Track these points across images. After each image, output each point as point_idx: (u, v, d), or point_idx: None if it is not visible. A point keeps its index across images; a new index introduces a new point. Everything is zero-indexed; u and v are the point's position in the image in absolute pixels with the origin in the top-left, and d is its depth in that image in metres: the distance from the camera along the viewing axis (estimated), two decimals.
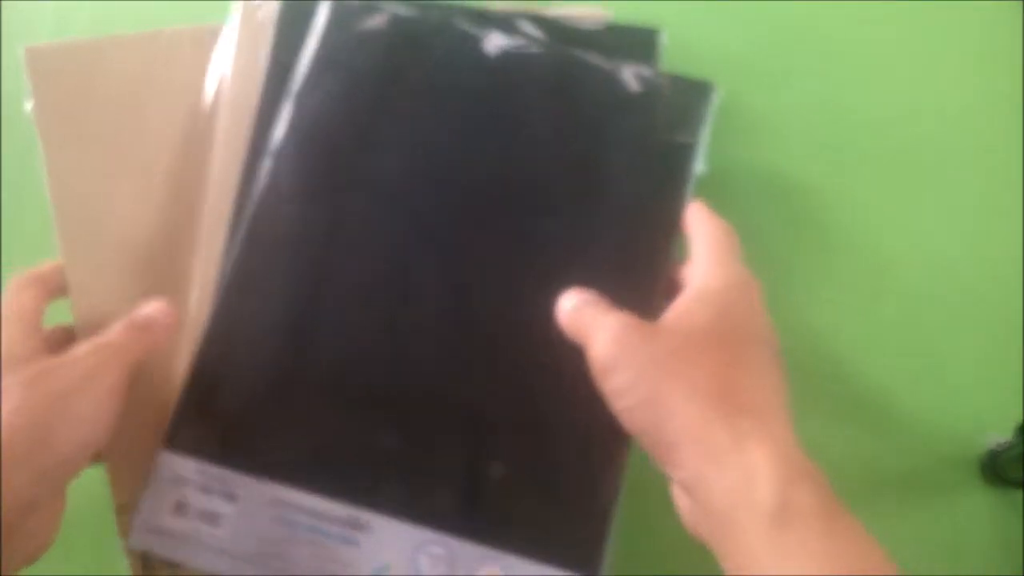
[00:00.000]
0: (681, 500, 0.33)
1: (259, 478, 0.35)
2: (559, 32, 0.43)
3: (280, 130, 0.39)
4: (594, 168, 0.39)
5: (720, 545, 0.29)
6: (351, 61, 0.40)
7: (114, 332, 0.35)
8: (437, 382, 0.36)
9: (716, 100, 0.40)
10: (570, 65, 0.40)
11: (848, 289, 0.46)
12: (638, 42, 0.44)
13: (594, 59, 0.40)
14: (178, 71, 0.43)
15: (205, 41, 0.44)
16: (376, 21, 0.40)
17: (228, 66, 0.43)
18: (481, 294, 0.38)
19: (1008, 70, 0.51)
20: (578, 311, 0.35)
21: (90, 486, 0.36)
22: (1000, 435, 0.43)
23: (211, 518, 0.35)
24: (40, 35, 0.50)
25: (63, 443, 0.32)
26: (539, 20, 0.44)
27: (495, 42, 0.40)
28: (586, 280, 0.37)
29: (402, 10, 0.41)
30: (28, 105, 0.42)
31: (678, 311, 0.33)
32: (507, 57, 0.40)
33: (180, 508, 0.35)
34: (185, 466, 0.35)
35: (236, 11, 0.44)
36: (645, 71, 0.40)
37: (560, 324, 0.35)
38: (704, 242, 0.35)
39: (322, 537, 0.35)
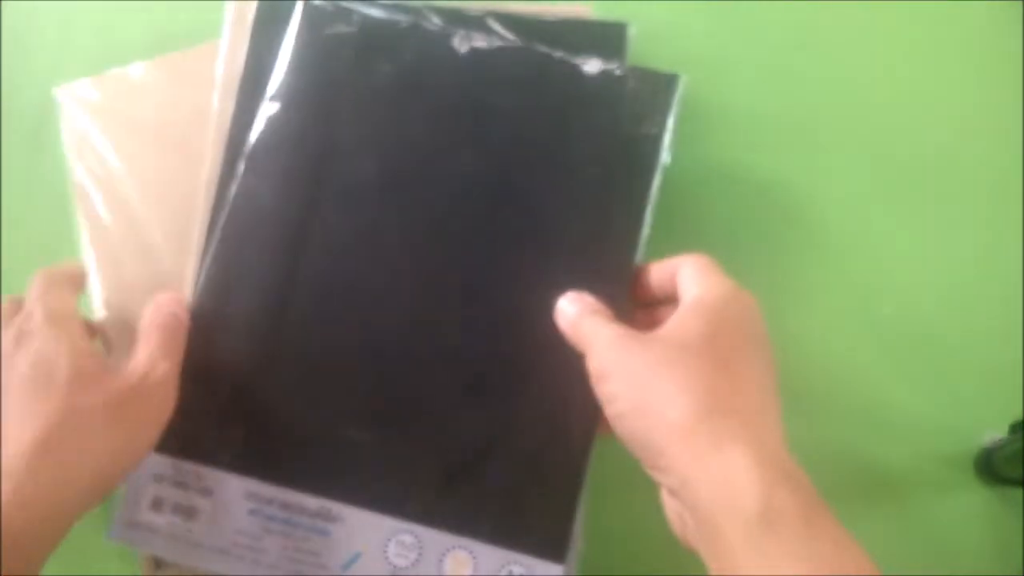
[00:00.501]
0: (669, 507, 0.33)
1: (233, 473, 0.36)
2: (527, 29, 0.43)
3: (254, 133, 0.40)
4: (563, 160, 0.39)
5: (706, 549, 0.30)
6: (323, 64, 0.40)
7: (162, 346, 0.35)
8: (406, 377, 0.37)
9: (681, 91, 0.40)
10: (538, 60, 0.40)
11: (839, 287, 0.46)
12: (607, 36, 0.45)
13: (561, 54, 0.40)
14: (202, 87, 0.45)
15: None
16: (347, 24, 0.41)
17: (220, 69, 0.44)
18: (451, 289, 0.38)
19: (1007, 70, 0.51)
20: (580, 319, 0.35)
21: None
22: (996, 432, 0.42)
23: (187, 512, 0.36)
24: (43, 35, 0.49)
25: (123, 467, 0.33)
26: (507, 17, 0.44)
27: (464, 41, 0.40)
28: (557, 271, 0.38)
29: (373, 12, 0.41)
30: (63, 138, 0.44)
31: (673, 322, 0.34)
32: (476, 55, 0.40)
33: (157, 504, 0.36)
34: (162, 463, 0.36)
35: (228, 11, 0.45)
36: (611, 64, 0.40)
37: (560, 329, 0.36)
38: (689, 270, 0.35)
39: (294, 528, 0.36)
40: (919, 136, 0.49)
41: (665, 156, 0.39)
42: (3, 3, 0.50)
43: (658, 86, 0.40)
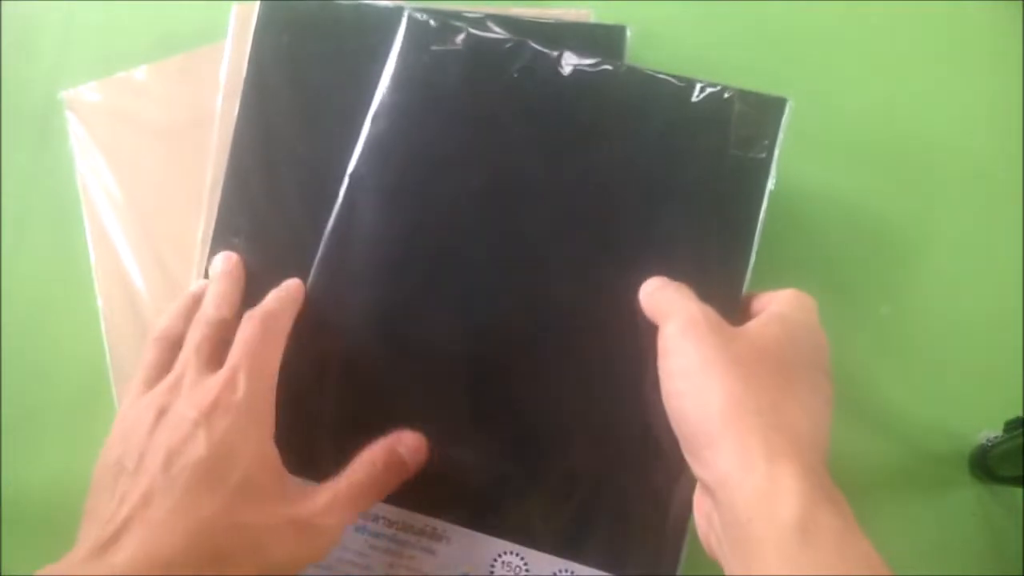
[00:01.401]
0: (699, 507, 0.34)
1: None
2: (526, 32, 0.43)
3: (357, 147, 0.40)
4: (668, 183, 0.39)
5: (732, 553, 0.30)
6: (428, 80, 0.40)
7: (364, 498, 0.33)
8: (514, 400, 0.37)
9: (788, 115, 0.40)
10: (643, 81, 0.40)
11: (835, 287, 0.46)
12: (607, 39, 0.45)
13: (665, 76, 0.40)
14: (206, 89, 0.45)
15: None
16: (452, 42, 0.41)
17: (224, 71, 0.45)
18: (559, 310, 0.38)
19: (1007, 71, 0.51)
20: (662, 290, 0.36)
21: None
22: (991, 431, 0.43)
23: None
24: (46, 37, 0.50)
25: None
26: (506, 20, 0.45)
27: (569, 61, 0.40)
28: None
29: (477, 30, 0.41)
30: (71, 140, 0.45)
31: (756, 326, 0.34)
32: (581, 75, 0.40)
33: None
34: None
35: (233, 14, 0.46)
36: (715, 86, 0.40)
37: (640, 302, 0.36)
38: (788, 296, 0.36)
39: (400, 546, 0.36)
40: (915, 134, 0.49)
41: (771, 182, 0.39)
42: (4, 4, 0.50)
43: (765, 109, 0.40)
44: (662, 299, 0.36)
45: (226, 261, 0.39)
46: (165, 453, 0.30)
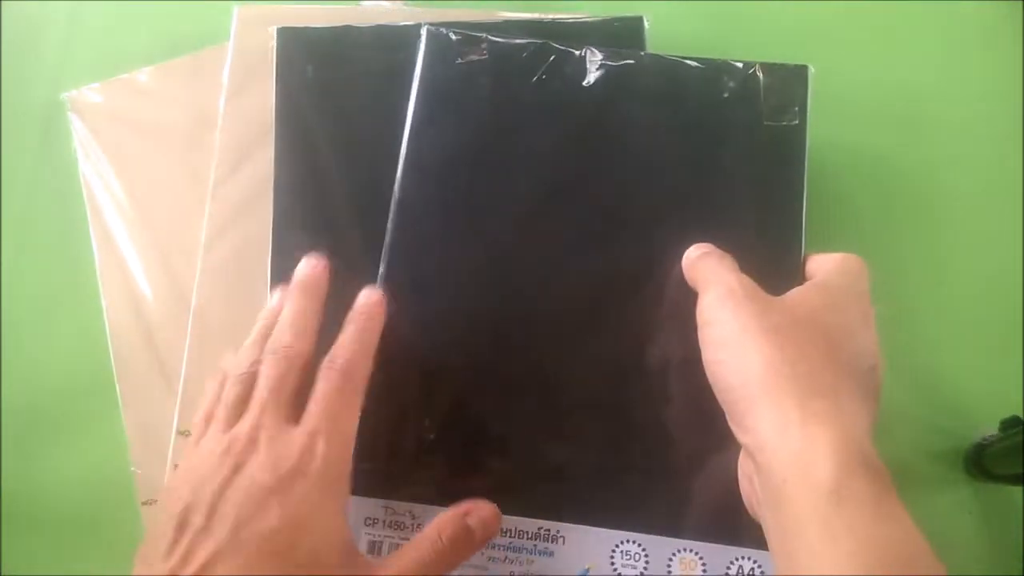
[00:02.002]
0: (743, 469, 0.35)
1: (445, 507, 0.36)
2: (547, 32, 0.44)
3: (399, 169, 0.40)
4: (712, 163, 0.40)
5: (771, 516, 0.31)
6: (459, 93, 0.41)
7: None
8: (600, 389, 0.38)
9: (811, 81, 0.41)
10: (668, 69, 0.41)
11: None
12: (624, 30, 0.47)
13: (689, 60, 0.41)
14: (208, 91, 0.46)
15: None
16: (477, 52, 0.41)
17: (226, 71, 0.46)
18: (627, 302, 0.38)
19: (1007, 70, 0.51)
20: (704, 259, 0.36)
21: (114, 487, 0.39)
22: (988, 429, 0.43)
23: None
24: (49, 39, 0.50)
25: None
26: (525, 25, 0.46)
27: (593, 56, 0.41)
28: None
29: (497, 36, 0.42)
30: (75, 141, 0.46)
31: (797, 294, 0.35)
32: (608, 69, 0.41)
33: (374, 548, 0.36)
34: (371, 506, 0.36)
35: (235, 16, 0.47)
36: (738, 63, 0.41)
37: (683, 268, 0.37)
38: (841, 259, 0.37)
39: (518, 553, 0.36)
40: (916, 135, 0.49)
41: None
42: (5, 5, 0.50)
43: (789, 78, 0.41)
44: (702, 268, 0.36)
45: (310, 268, 0.37)
46: (235, 517, 0.29)
